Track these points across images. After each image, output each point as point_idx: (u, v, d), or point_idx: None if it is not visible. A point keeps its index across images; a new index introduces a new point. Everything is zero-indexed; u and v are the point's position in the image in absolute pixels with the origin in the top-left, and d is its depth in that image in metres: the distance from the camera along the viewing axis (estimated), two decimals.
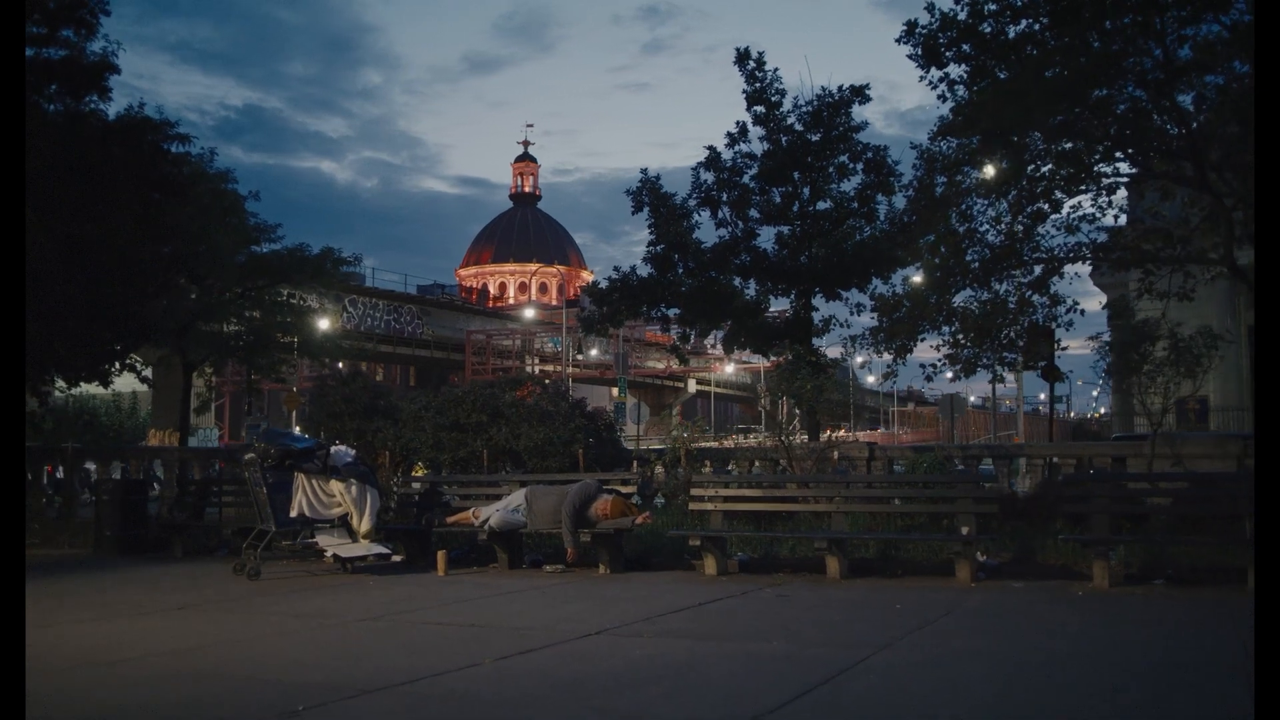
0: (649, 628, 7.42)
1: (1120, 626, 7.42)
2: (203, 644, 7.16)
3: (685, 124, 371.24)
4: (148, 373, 20.76)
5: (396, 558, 11.69)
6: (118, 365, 17.87)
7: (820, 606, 8.42)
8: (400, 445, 14.42)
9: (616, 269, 21.98)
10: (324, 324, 33.85)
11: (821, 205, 21.27)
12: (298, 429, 15.29)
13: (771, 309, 22.05)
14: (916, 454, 15.05)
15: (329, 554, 11.24)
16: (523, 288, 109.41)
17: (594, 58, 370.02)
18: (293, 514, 11.26)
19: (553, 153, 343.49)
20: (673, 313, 22.40)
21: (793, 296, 21.50)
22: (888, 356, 18.57)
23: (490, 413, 13.95)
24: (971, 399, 78.47)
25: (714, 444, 18.62)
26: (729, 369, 77.76)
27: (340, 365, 23.08)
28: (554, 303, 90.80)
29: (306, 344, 29.32)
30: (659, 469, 15.88)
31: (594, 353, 66.83)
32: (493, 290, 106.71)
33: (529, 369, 57.58)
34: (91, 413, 38.56)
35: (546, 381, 16.60)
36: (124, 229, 15.47)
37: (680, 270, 21.56)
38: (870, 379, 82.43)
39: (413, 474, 14.45)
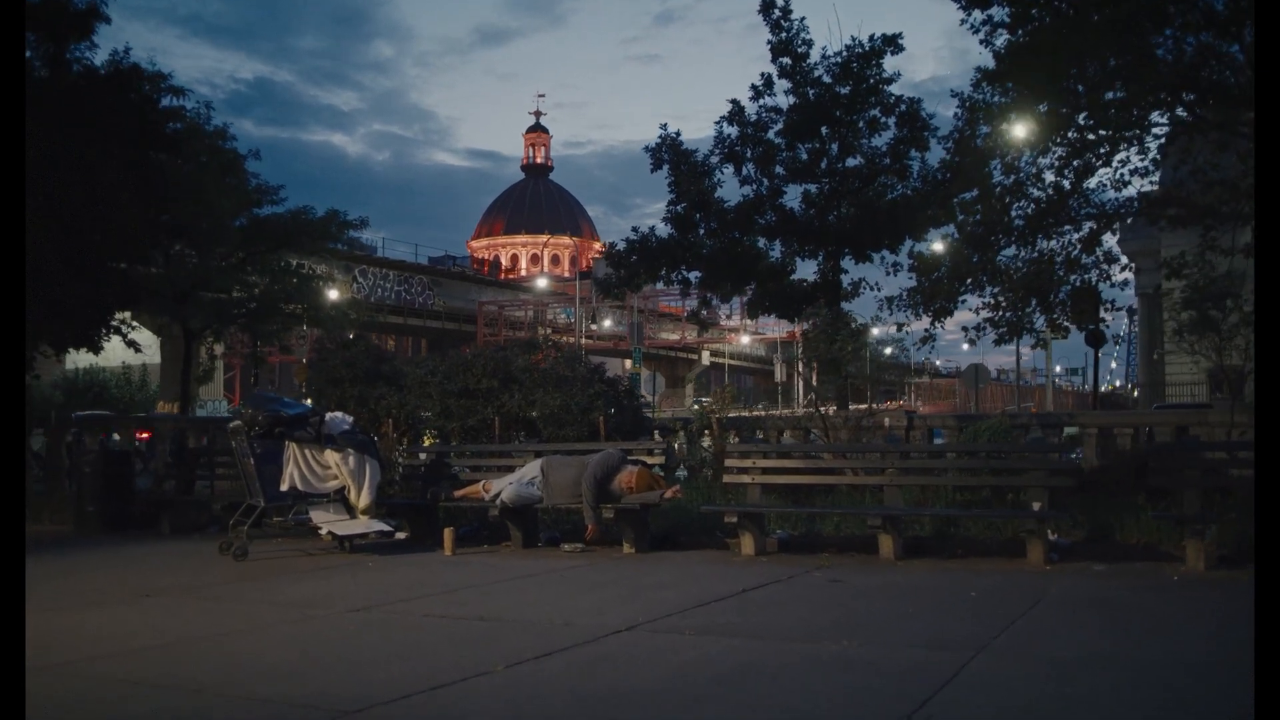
0: (688, 622, 6.31)
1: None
2: (161, 642, 6.08)
3: (697, 96, 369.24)
4: (135, 336, 19.66)
5: (400, 535, 10.60)
6: (105, 331, 16.82)
7: (882, 594, 7.27)
8: (405, 413, 13.35)
9: (635, 229, 20.91)
10: (333, 294, 32.80)
11: (851, 162, 20.08)
12: (309, 401, 14.25)
13: (797, 272, 20.91)
14: (960, 423, 13.96)
15: (325, 531, 10.19)
16: (535, 259, 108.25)
17: (605, 29, 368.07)
18: (284, 487, 10.17)
19: (564, 125, 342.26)
20: (694, 276, 21.26)
21: (820, 258, 20.34)
22: (925, 320, 17.50)
23: (502, 378, 12.87)
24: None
25: (744, 413, 17.54)
26: (744, 339, 76.63)
27: (350, 335, 22.03)
28: (566, 274, 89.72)
29: (314, 313, 28.30)
30: (680, 440, 14.85)
31: (607, 324, 65.78)
32: (504, 262, 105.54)
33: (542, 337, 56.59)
34: (102, 385, 37.80)
35: (559, 351, 15.47)
36: (109, 185, 14.37)
37: (702, 231, 20.42)
38: (887, 350, 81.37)
39: (423, 444, 13.39)
